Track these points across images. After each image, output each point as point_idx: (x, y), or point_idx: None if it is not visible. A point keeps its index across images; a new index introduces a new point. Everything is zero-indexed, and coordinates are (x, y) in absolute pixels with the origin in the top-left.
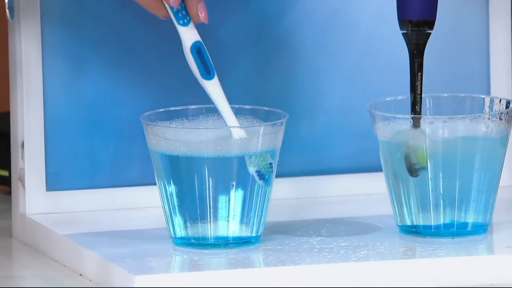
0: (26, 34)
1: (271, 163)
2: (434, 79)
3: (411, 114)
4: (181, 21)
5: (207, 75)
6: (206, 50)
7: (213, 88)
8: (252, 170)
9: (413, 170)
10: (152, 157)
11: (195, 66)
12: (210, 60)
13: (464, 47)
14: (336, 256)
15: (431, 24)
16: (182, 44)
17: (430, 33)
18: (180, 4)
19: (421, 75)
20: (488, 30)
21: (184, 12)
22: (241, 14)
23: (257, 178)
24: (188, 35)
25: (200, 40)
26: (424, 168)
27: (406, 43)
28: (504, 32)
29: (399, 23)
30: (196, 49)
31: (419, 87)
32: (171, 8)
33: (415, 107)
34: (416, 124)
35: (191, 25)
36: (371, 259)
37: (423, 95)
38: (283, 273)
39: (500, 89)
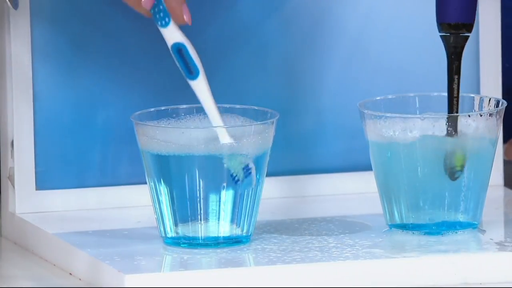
0: (16, 34)
1: (246, 166)
2: (423, 78)
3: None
4: (159, 22)
5: (190, 75)
6: (189, 50)
7: (197, 88)
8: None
9: (452, 173)
10: (142, 157)
11: (178, 65)
12: (194, 60)
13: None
14: (326, 255)
15: (469, 27)
16: None
17: (469, 36)
18: (152, 5)
19: (458, 78)
20: (478, 29)
21: (162, 14)
22: (229, 13)
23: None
24: (168, 36)
25: (181, 41)
26: (462, 171)
27: (444, 46)
28: (494, 31)
29: (437, 26)
30: (177, 49)
31: (456, 90)
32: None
33: (452, 111)
34: (453, 127)
35: (172, 26)
36: (361, 258)
37: (411, 94)
38: (273, 272)
39: (489, 88)
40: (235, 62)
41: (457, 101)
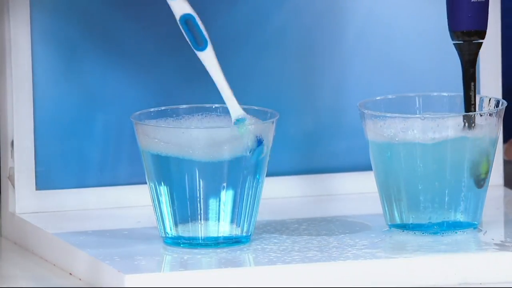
0: (15, 33)
1: (257, 136)
2: (423, 78)
3: (465, 124)
4: None
5: (199, 46)
6: (198, 21)
7: (206, 59)
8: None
9: (478, 181)
10: (142, 157)
11: (187, 37)
12: (203, 31)
13: (453, 46)
14: (326, 255)
15: (482, 33)
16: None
17: (482, 42)
18: None
19: (475, 85)
20: None
21: None
22: (230, 12)
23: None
24: (177, 8)
25: (189, 12)
26: (488, 178)
27: (458, 53)
28: (494, 31)
29: (450, 34)
30: (185, 21)
31: (473, 97)
32: None
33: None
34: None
35: None
36: (361, 258)
37: (412, 94)
38: (273, 272)
39: (489, 88)
40: (235, 62)
41: (475, 108)
